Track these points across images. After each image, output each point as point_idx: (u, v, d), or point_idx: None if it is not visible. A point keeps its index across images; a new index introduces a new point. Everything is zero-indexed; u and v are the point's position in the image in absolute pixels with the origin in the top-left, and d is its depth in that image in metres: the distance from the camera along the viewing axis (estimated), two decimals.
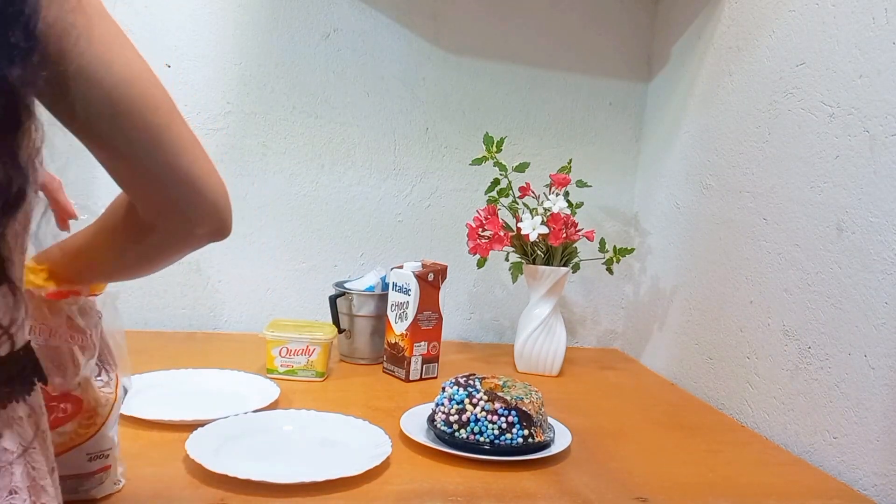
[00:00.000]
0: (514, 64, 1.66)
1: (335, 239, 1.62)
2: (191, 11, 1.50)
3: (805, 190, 1.19)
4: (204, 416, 1.03)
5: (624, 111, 1.73)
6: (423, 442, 1.02)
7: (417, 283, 1.32)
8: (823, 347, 1.13)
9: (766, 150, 1.28)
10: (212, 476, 0.87)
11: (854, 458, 1.05)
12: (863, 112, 1.08)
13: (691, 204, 1.51)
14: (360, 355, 1.42)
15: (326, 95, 1.58)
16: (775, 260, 1.25)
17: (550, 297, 1.45)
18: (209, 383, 1.13)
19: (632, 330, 1.73)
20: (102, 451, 0.80)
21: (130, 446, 0.95)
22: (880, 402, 1.02)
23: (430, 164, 1.65)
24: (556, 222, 1.40)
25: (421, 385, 1.33)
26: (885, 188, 1.03)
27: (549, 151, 1.69)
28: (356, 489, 0.89)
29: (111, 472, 0.82)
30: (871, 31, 1.07)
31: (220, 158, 1.54)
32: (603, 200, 1.73)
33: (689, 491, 0.97)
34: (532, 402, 1.04)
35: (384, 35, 1.59)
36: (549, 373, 1.45)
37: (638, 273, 1.72)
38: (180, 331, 1.54)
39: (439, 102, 1.63)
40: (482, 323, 1.71)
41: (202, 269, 1.56)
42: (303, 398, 1.18)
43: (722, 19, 1.44)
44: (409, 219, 1.65)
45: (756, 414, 1.26)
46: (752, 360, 1.29)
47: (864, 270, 1.06)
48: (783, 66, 1.25)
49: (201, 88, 1.52)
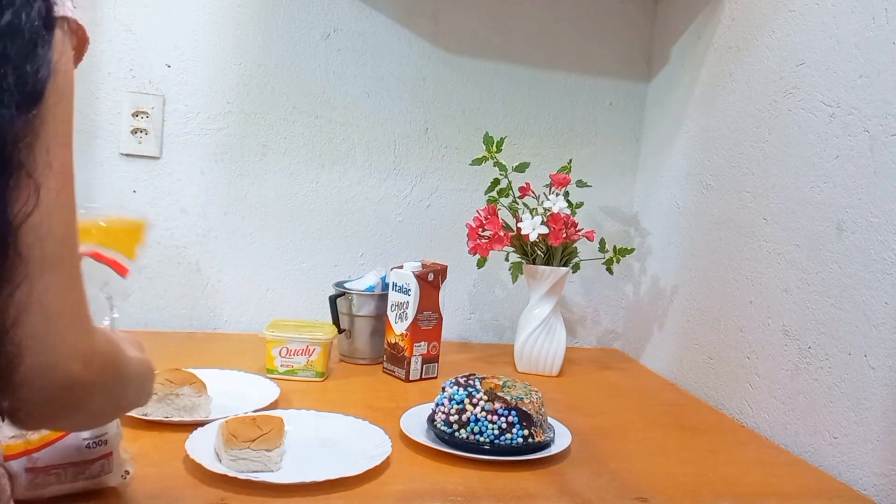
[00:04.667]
0: (514, 64, 1.66)
1: (335, 239, 1.62)
2: (191, 11, 1.50)
3: (805, 190, 1.19)
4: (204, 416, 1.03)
5: (624, 111, 1.73)
6: (423, 442, 1.02)
7: (417, 283, 1.32)
8: (823, 347, 1.13)
9: (766, 150, 1.28)
10: (212, 476, 0.87)
11: (854, 458, 1.05)
12: (863, 112, 1.08)
13: (691, 204, 1.51)
14: (360, 355, 1.42)
15: (326, 95, 1.58)
16: (775, 260, 1.25)
17: (550, 297, 1.45)
18: (209, 383, 1.13)
19: (632, 330, 1.73)
20: (100, 436, 0.79)
21: (130, 446, 0.95)
22: (880, 402, 1.02)
23: (430, 164, 1.65)
24: (556, 222, 1.40)
25: (421, 385, 1.33)
26: (885, 188, 1.03)
27: (549, 151, 1.69)
28: (356, 489, 0.88)
29: (114, 460, 0.81)
30: (871, 31, 1.07)
31: (220, 158, 1.54)
32: (603, 200, 1.73)
33: (689, 491, 0.97)
34: (532, 402, 1.04)
35: (384, 35, 1.59)
36: (549, 373, 1.45)
37: (638, 273, 1.72)
38: (180, 331, 1.54)
39: (439, 102, 1.63)
40: (482, 323, 1.71)
41: (202, 269, 1.56)
42: (303, 398, 1.17)
43: (722, 19, 1.44)
44: (409, 219, 1.65)
45: (756, 414, 1.26)
46: (752, 360, 1.29)
47: (864, 270, 1.06)
48: (783, 66, 1.25)
49: (201, 88, 1.52)
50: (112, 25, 1.47)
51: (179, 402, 1.04)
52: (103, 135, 1.49)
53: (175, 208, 1.53)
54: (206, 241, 1.55)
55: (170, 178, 1.52)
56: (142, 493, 0.83)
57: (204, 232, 1.55)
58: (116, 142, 1.49)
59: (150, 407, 1.03)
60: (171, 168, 1.52)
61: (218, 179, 1.55)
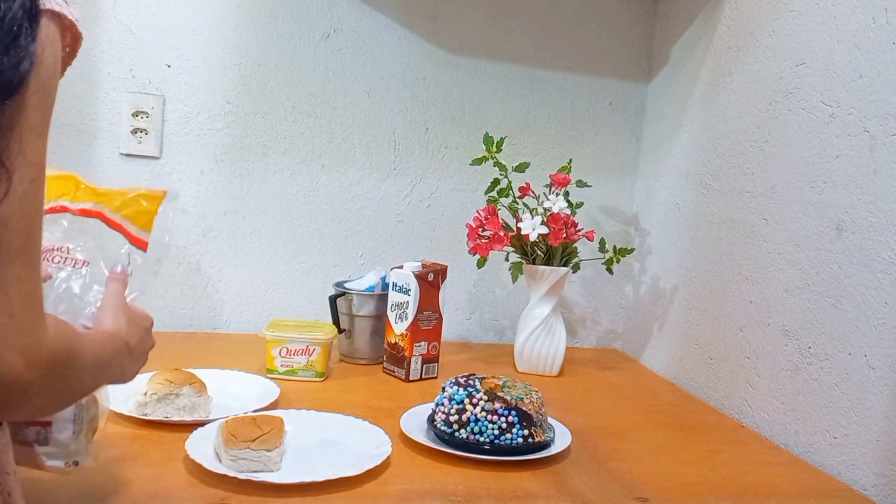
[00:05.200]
0: (514, 64, 1.66)
1: (335, 239, 1.62)
2: (191, 11, 1.50)
3: (805, 190, 1.19)
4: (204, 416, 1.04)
5: (624, 111, 1.73)
6: (423, 442, 1.02)
7: (417, 283, 1.32)
8: (823, 347, 1.13)
9: (766, 150, 1.28)
10: (212, 476, 0.87)
11: (854, 458, 1.05)
12: (863, 112, 1.08)
13: (691, 204, 1.51)
14: (360, 355, 1.42)
15: (326, 95, 1.58)
16: (775, 260, 1.25)
17: (550, 297, 1.45)
18: (209, 383, 1.13)
19: (632, 330, 1.73)
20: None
21: (130, 446, 0.95)
22: (880, 402, 1.02)
23: (430, 164, 1.65)
24: (556, 222, 1.40)
25: (421, 385, 1.33)
26: (885, 188, 1.03)
27: (549, 151, 1.69)
28: (356, 489, 0.88)
29: (53, 435, 0.73)
30: (871, 31, 1.07)
31: (220, 158, 1.54)
32: (603, 200, 1.73)
33: (689, 491, 0.97)
34: (532, 402, 1.04)
35: (384, 35, 1.59)
36: (549, 373, 1.45)
37: (638, 273, 1.72)
38: (180, 331, 1.54)
39: (439, 102, 1.63)
40: (482, 323, 1.71)
41: (202, 269, 1.56)
42: (303, 398, 1.17)
43: (722, 19, 1.44)
44: (409, 219, 1.65)
45: (756, 414, 1.26)
46: (752, 360, 1.29)
47: (864, 270, 1.06)
48: (783, 66, 1.25)
49: (201, 88, 1.52)
50: (112, 25, 1.47)
51: (179, 402, 1.04)
52: (103, 135, 1.49)
53: (175, 208, 1.53)
54: (206, 241, 1.55)
55: (170, 178, 1.52)
56: (142, 493, 0.83)
57: (204, 232, 1.55)
58: (116, 142, 1.49)
59: (150, 407, 1.03)
60: (171, 168, 1.52)
61: (218, 179, 1.55)
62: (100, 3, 1.46)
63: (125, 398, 1.07)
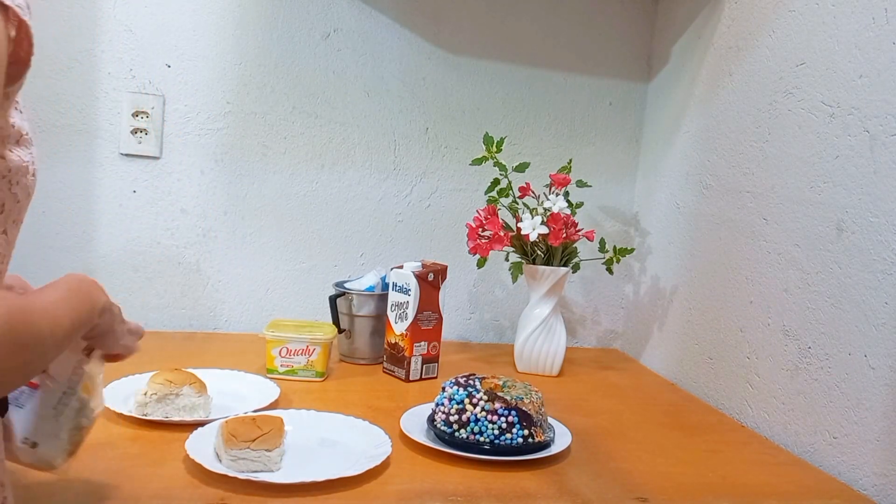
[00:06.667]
0: (514, 64, 1.66)
1: (335, 239, 1.62)
2: (191, 11, 1.50)
3: (805, 190, 1.19)
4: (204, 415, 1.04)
5: (624, 111, 1.73)
6: (423, 442, 1.02)
7: (417, 283, 1.32)
8: (823, 347, 1.13)
9: (766, 150, 1.28)
10: (212, 476, 0.87)
11: (854, 458, 1.05)
12: (863, 112, 1.08)
13: (691, 204, 1.51)
14: (360, 355, 1.42)
15: (326, 95, 1.58)
16: (775, 260, 1.25)
17: (550, 297, 1.45)
18: (209, 383, 1.13)
19: (632, 330, 1.73)
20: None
21: (130, 446, 0.95)
22: (880, 402, 1.02)
23: (430, 164, 1.65)
24: (556, 222, 1.40)
25: (421, 385, 1.33)
26: (885, 188, 1.03)
27: (549, 151, 1.69)
28: (356, 489, 0.88)
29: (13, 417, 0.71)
30: (871, 31, 1.07)
31: (220, 158, 1.54)
32: (603, 200, 1.73)
33: (689, 491, 0.97)
34: (532, 402, 1.04)
35: (384, 35, 1.59)
36: (549, 373, 1.45)
37: (638, 273, 1.72)
38: (180, 331, 1.54)
39: (439, 102, 1.63)
40: (482, 323, 1.71)
41: (202, 269, 1.56)
42: (303, 398, 1.18)
43: (722, 19, 1.44)
44: (409, 219, 1.65)
45: (756, 414, 1.26)
46: (752, 360, 1.29)
47: (864, 270, 1.06)
48: (783, 66, 1.25)
49: (201, 88, 1.52)
50: (112, 25, 1.47)
51: (179, 402, 1.04)
52: (103, 135, 1.49)
53: (175, 208, 1.53)
54: (206, 241, 1.55)
55: (170, 178, 1.52)
56: (142, 493, 0.83)
57: (204, 232, 1.55)
58: (116, 142, 1.49)
59: (150, 407, 1.03)
60: (171, 168, 1.52)
61: (218, 179, 1.55)
62: (100, 3, 1.46)
63: (125, 398, 1.07)
